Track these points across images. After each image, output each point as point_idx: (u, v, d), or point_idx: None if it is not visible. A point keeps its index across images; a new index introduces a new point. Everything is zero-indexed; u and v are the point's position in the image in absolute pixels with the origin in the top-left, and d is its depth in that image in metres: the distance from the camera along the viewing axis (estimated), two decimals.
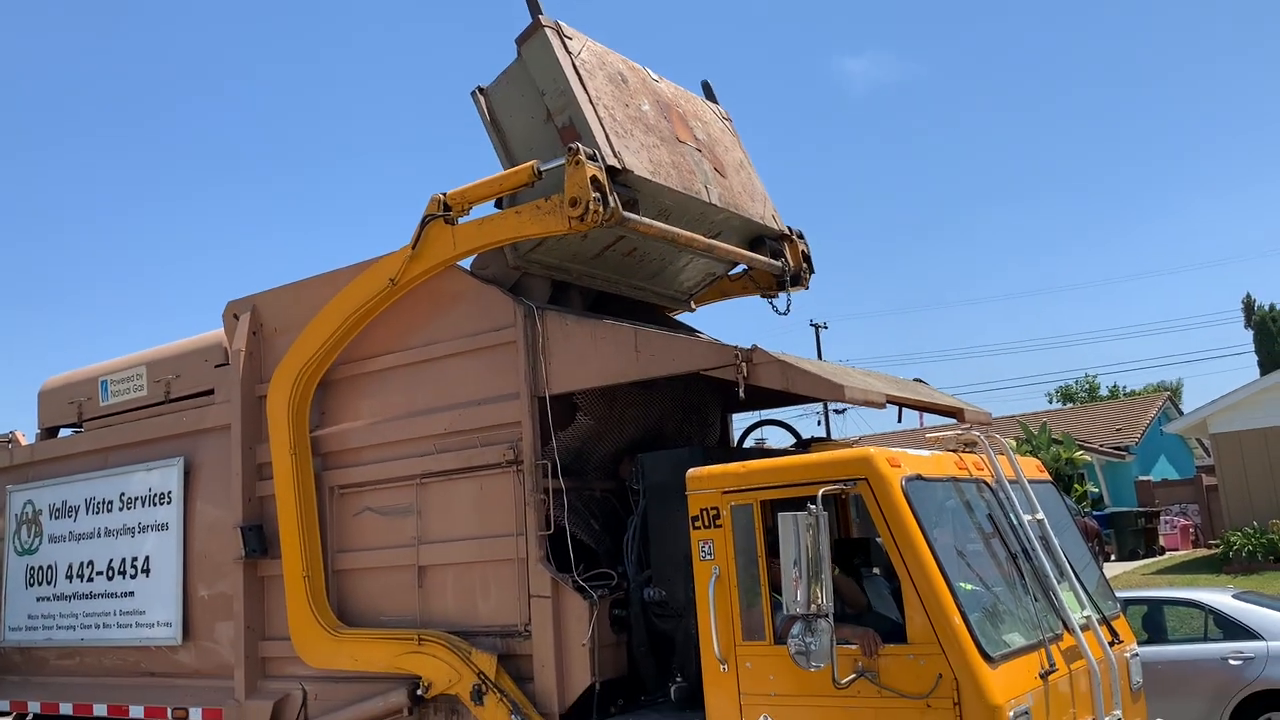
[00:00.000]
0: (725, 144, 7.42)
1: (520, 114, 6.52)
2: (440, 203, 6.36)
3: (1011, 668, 4.76)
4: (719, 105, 7.82)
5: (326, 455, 7.19)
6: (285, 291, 7.52)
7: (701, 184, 6.71)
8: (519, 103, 6.54)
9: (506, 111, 6.61)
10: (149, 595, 8.01)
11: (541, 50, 6.37)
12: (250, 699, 7.21)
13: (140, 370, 8.54)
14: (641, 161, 6.22)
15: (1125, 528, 27.41)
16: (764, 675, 5.02)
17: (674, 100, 7.12)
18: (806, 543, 4.57)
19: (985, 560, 5.33)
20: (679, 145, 6.76)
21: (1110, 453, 33.66)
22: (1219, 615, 8.55)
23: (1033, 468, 6.36)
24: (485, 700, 5.99)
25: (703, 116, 7.38)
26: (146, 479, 8.15)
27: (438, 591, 6.58)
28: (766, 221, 7.37)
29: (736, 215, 7.03)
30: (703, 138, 7.12)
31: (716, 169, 7.02)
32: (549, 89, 6.33)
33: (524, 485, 6.15)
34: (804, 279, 7.73)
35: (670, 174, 6.43)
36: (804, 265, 7.70)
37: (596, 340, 6.09)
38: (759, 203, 7.42)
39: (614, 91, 6.48)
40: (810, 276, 7.78)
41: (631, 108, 6.54)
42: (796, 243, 7.64)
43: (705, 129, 7.26)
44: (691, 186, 6.59)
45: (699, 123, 7.24)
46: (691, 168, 6.72)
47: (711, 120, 7.49)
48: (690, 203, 6.59)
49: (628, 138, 6.26)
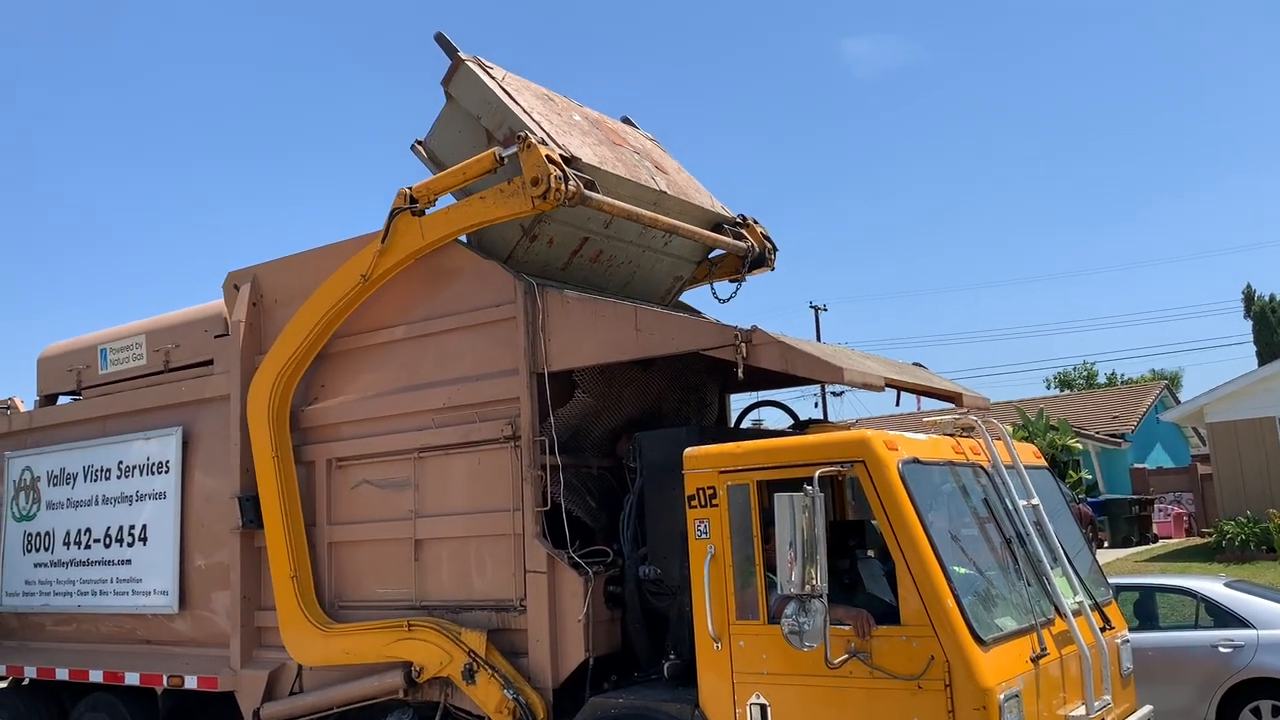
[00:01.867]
0: (659, 154, 7.79)
1: (461, 148, 6.77)
2: (407, 196, 6.52)
3: (1003, 651, 4.79)
4: (642, 130, 8.14)
5: (324, 428, 7.21)
6: (286, 263, 7.52)
7: (648, 175, 6.96)
8: (458, 139, 6.86)
9: (447, 151, 6.91)
10: (146, 563, 8.04)
11: (467, 81, 6.70)
12: (246, 668, 7.25)
13: (140, 339, 8.54)
14: (587, 154, 6.46)
15: (1119, 515, 27.49)
16: (757, 654, 5.06)
17: (601, 119, 7.52)
18: (802, 524, 4.59)
19: (979, 544, 5.36)
20: (617, 146, 7.07)
21: (1106, 440, 33.73)
22: (1210, 603, 8.59)
23: (1029, 453, 6.38)
24: (477, 678, 6.03)
25: (631, 134, 7.78)
26: (145, 448, 8.17)
27: (433, 565, 6.61)
28: (717, 209, 7.61)
29: (689, 203, 7.25)
30: (636, 145, 7.48)
31: (658, 167, 7.31)
32: (483, 111, 6.63)
33: (521, 461, 6.17)
34: (769, 259, 7.89)
35: (616, 165, 6.70)
36: (767, 245, 7.88)
37: (597, 318, 6.10)
38: (705, 196, 7.68)
39: (544, 105, 6.85)
40: (775, 256, 7.90)
41: (564, 117, 6.87)
42: (753, 226, 7.84)
43: (637, 141, 7.66)
44: (639, 176, 6.83)
45: (630, 135, 7.65)
46: (635, 163, 7.00)
47: (640, 138, 7.88)
48: (642, 192, 6.80)
49: (568, 136, 6.55)
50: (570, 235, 6.74)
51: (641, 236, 7.15)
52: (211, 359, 7.91)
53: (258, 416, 7.15)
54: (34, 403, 9.49)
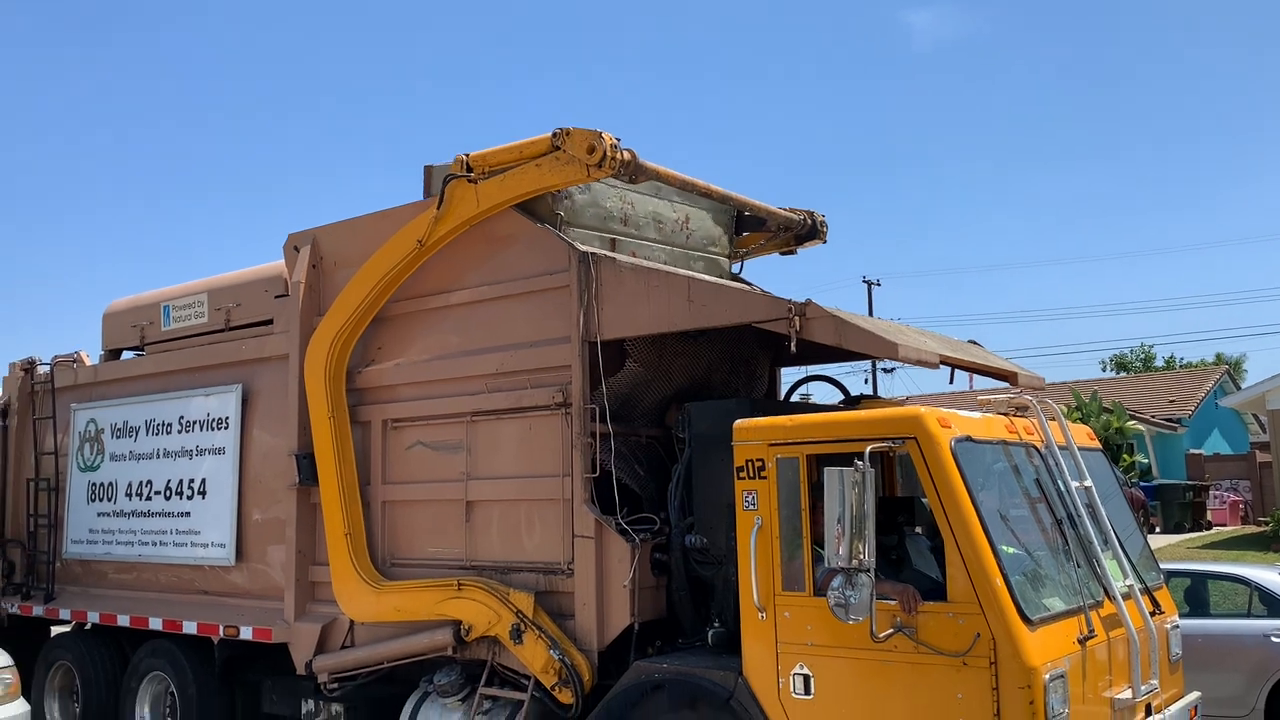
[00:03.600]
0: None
1: None
2: (463, 163, 6.56)
3: (1050, 631, 4.78)
4: None
5: (380, 389, 7.33)
6: (345, 226, 7.61)
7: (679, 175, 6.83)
8: None
9: None
10: (204, 516, 8.25)
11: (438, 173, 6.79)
12: (299, 621, 7.43)
13: (202, 297, 8.71)
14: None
15: (1173, 500, 27.08)
16: (801, 625, 5.09)
17: None
18: (851, 499, 4.60)
19: (1030, 524, 5.33)
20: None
21: (1161, 424, 33.15)
22: (1264, 592, 8.46)
23: (1083, 435, 6.31)
24: (524, 638, 6.13)
25: None
26: (205, 404, 8.36)
27: (484, 526, 6.71)
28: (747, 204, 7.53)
29: (723, 192, 7.16)
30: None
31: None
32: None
33: (572, 428, 6.23)
34: (821, 232, 7.93)
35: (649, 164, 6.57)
36: (818, 218, 7.91)
37: (650, 288, 6.12)
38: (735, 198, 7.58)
39: None
40: (826, 229, 7.91)
41: None
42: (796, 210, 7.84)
43: None
44: (674, 174, 6.72)
45: None
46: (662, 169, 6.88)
47: None
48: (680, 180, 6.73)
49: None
50: (594, 239, 6.76)
51: (663, 231, 7.17)
52: (271, 318, 8.04)
53: (315, 376, 7.28)
54: (99, 357, 9.74)
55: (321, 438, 7.22)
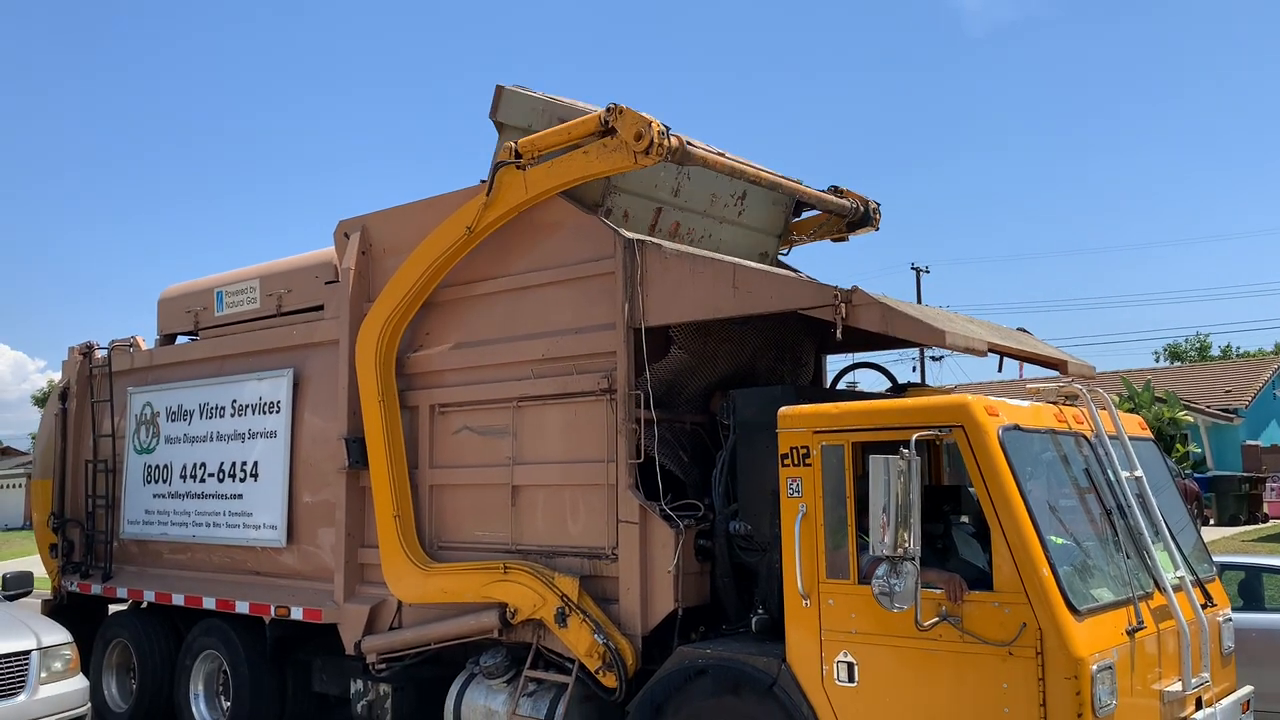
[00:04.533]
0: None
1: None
2: (512, 150, 6.60)
3: (1098, 622, 4.73)
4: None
5: (428, 374, 7.41)
6: (394, 213, 7.70)
7: (728, 160, 6.85)
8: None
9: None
10: (256, 498, 8.40)
11: (514, 100, 6.83)
12: (349, 602, 7.55)
13: (254, 283, 8.86)
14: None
15: (1227, 492, 26.59)
16: (846, 613, 5.08)
17: None
18: (897, 487, 4.58)
19: (1079, 514, 5.27)
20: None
21: (1217, 414, 32.52)
22: None
23: (1134, 424, 6.22)
24: (569, 622, 6.18)
25: None
26: (257, 388, 8.50)
27: (529, 510, 6.77)
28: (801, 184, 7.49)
29: (771, 175, 7.14)
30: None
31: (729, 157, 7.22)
32: (535, 120, 6.73)
33: (616, 414, 6.26)
34: (874, 219, 7.87)
35: (697, 145, 6.58)
36: (870, 204, 7.85)
37: (695, 274, 6.12)
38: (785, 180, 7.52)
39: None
40: (879, 216, 7.83)
41: None
42: (849, 193, 7.78)
43: None
44: (724, 153, 6.71)
45: None
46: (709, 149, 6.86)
47: None
48: (726, 165, 6.72)
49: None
50: (643, 207, 6.76)
51: (713, 205, 7.15)
52: (322, 304, 8.17)
53: (365, 361, 7.37)
54: (154, 341, 9.95)
55: (371, 421, 7.31)
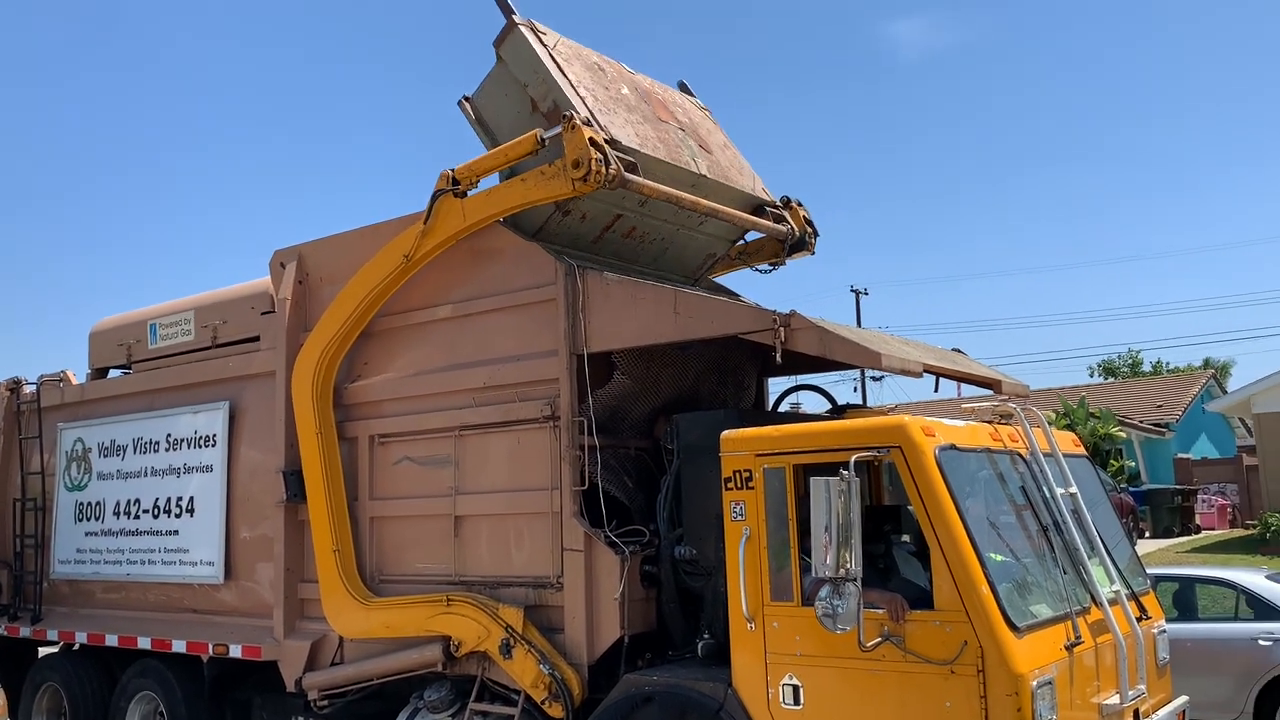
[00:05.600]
0: (707, 127, 7.71)
1: (506, 112, 6.78)
2: (449, 178, 6.60)
3: (1037, 638, 4.80)
4: (696, 98, 8.05)
5: (367, 405, 7.32)
6: (331, 242, 7.63)
7: (689, 156, 6.95)
8: (503, 102, 6.81)
9: (492, 112, 6.89)
10: (193, 534, 8.22)
11: (518, 47, 6.66)
12: (289, 638, 7.41)
13: (188, 315, 8.71)
14: (628, 135, 6.48)
15: (1161, 505, 27.18)
16: (790, 636, 5.10)
17: (651, 89, 7.44)
18: (838, 508, 4.62)
19: (1016, 531, 5.35)
20: (662, 124, 7.05)
21: (1150, 429, 33.30)
22: (1251, 595, 8.50)
23: (1068, 441, 6.34)
24: (514, 653, 6.12)
25: (681, 104, 7.68)
26: (193, 421, 8.34)
27: (472, 541, 6.71)
28: (758, 193, 7.58)
29: (728, 186, 7.24)
30: (684, 120, 7.44)
31: (702, 146, 7.28)
32: (530, 80, 6.61)
33: (560, 441, 6.24)
34: (809, 243, 7.89)
35: (658, 147, 6.70)
36: (808, 229, 7.88)
37: (636, 300, 6.14)
38: (748, 177, 7.62)
39: (593, 77, 6.79)
40: (815, 241, 7.90)
41: (612, 90, 6.83)
42: (796, 209, 7.84)
43: (686, 114, 7.60)
44: (679, 158, 6.83)
45: (679, 108, 7.57)
46: (677, 143, 6.98)
47: (690, 108, 7.78)
48: (681, 174, 6.80)
49: (612, 115, 6.54)
50: (604, 212, 6.78)
51: (676, 215, 7.16)
52: (258, 335, 8.05)
53: (302, 392, 7.28)
54: (85, 376, 9.71)
55: (309, 453, 7.21)
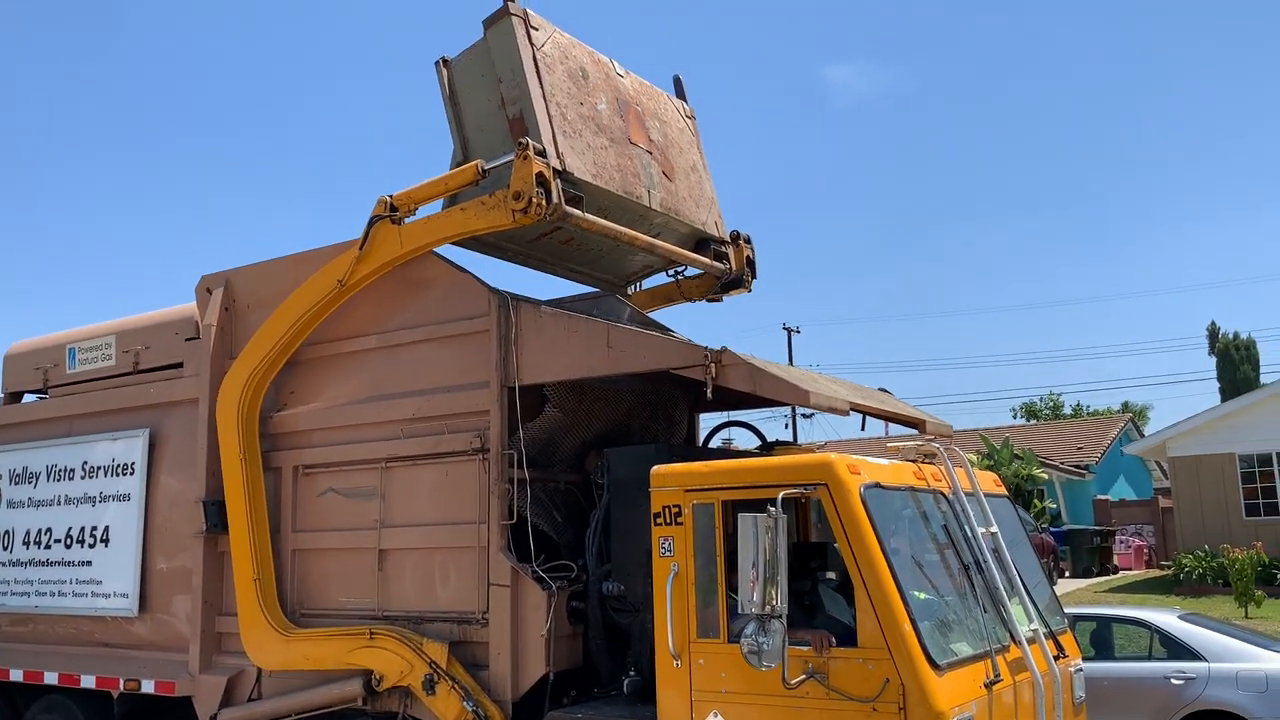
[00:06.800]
0: (681, 146, 7.58)
1: (477, 94, 6.64)
2: (387, 204, 6.53)
3: (957, 676, 4.86)
4: (686, 103, 7.93)
5: (292, 434, 7.20)
6: (261, 268, 7.52)
7: (644, 188, 6.91)
8: (478, 83, 6.65)
9: (465, 88, 6.73)
10: (107, 565, 7.98)
11: (504, 37, 6.47)
12: (205, 673, 7.21)
13: (109, 340, 8.50)
14: (585, 163, 6.42)
15: (1081, 545, 27.76)
16: (716, 672, 5.10)
17: (635, 97, 7.25)
18: (765, 544, 4.64)
19: (938, 570, 5.43)
20: (629, 147, 6.93)
21: (1070, 471, 34.07)
22: (1164, 635, 8.72)
23: (989, 481, 6.47)
24: (437, 689, 6.04)
25: (663, 115, 7.52)
26: (110, 449, 8.12)
27: (397, 575, 6.61)
28: (708, 228, 7.58)
29: (676, 219, 7.22)
30: (658, 139, 7.28)
31: (665, 172, 7.22)
32: (506, 77, 6.45)
33: (489, 474, 6.20)
34: (746, 282, 7.94)
35: (613, 177, 6.63)
36: (746, 269, 7.90)
37: (569, 334, 6.15)
38: (703, 208, 7.60)
39: (570, 88, 6.63)
40: (752, 280, 8.00)
41: (586, 106, 6.70)
42: (742, 247, 7.85)
43: (663, 129, 7.42)
44: (633, 191, 6.79)
45: (656, 123, 7.39)
46: (637, 170, 6.90)
47: (672, 119, 7.62)
48: (630, 206, 6.79)
49: (575, 138, 6.44)
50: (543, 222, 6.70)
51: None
52: (181, 362, 7.88)
53: (227, 418, 7.13)
54: None
55: (232, 480, 7.06)
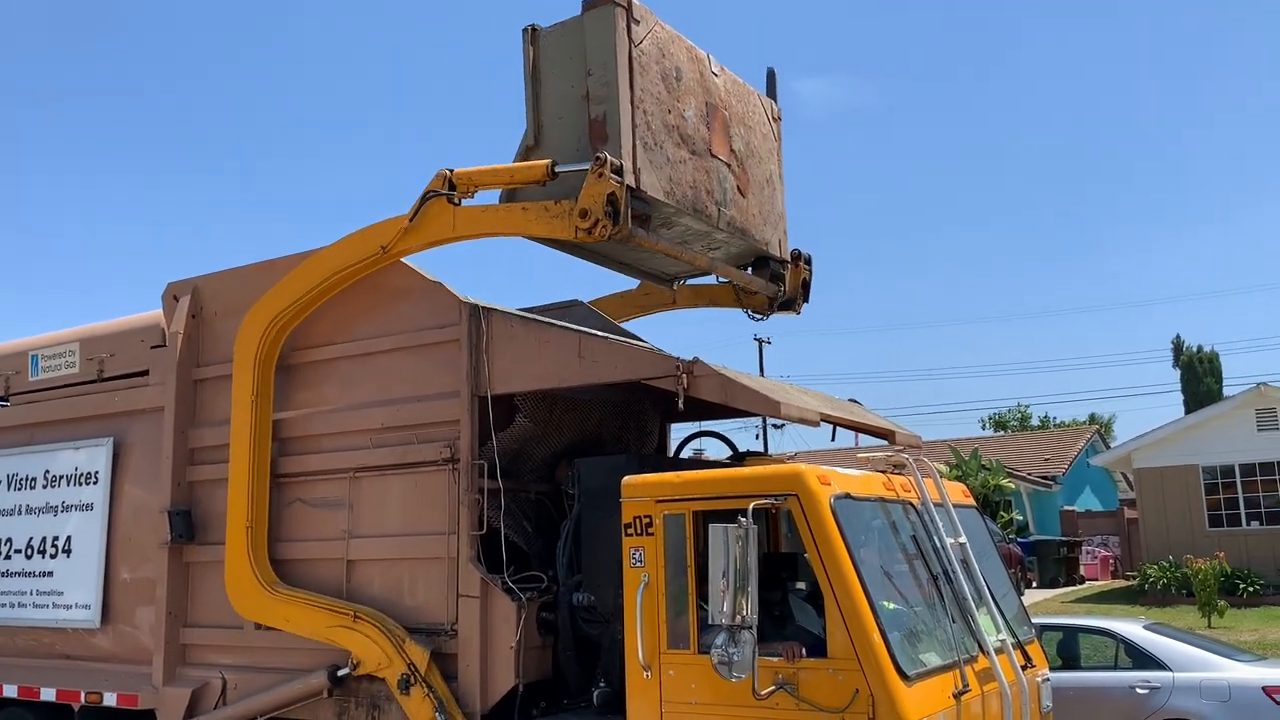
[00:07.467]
0: (761, 155, 7.25)
1: (562, 78, 6.17)
2: (446, 180, 6.13)
3: (926, 686, 4.88)
4: (775, 102, 7.59)
5: None
6: (228, 276, 7.45)
7: (716, 205, 6.57)
8: (565, 66, 6.18)
9: (550, 68, 6.25)
10: (69, 576, 7.86)
11: (602, 27, 6.03)
12: (169, 685, 7.11)
13: (73, 347, 8.38)
14: (661, 180, 6.10)
15: (1047, 556, 28.03)
16: (686, 684, 5.09)
17: (725, 100, 6.87)
18: (735, 554, 4.65)
19: (907, 580, 5.46)
20: (708, 160, 6.59)
21: (1038, 481, 34.39)
22: (1129, 645, 8.81)
23: (958, 492, 6.51)
24: (412, 692, 5.98)
25: (749, 120, 7.16)
26: (73, 458, 8.01)
27: (364, 586, 6.54)
28: (771, 247, 7.30)
29: (740, 239, 6.96)
30: (739, 148, 6.94)
31: (740, 187, 6.89)
32: (596, 71, 6.02)
33: (459, 484, 6.15)
34: (796, 305, 7.68)
35: (686, 194, 6.30)
36: (800, 292, 7.66)
37: (540, 343, 6.13)
38: (770, 225, 7.31)
39: (661, 93, 6.23)
40: (804, 304, 7.73)
41: (674, 114, 6.31)
42: (800, 269, 7.60)
43: (746, 136, 7.07)
44: (704, 209, 6.46)
45: (741, 129, 7.03)
46: (712, 186, 6.56)
47: (757, 124, 7.26)
48: (699, 223, 6.53)
49: (655, 150, 6.09)
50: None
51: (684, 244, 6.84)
52: (147, 370, 7.78)
53: (245, 356, 6.90)
54: None
55: (240, 422, 6.85)
